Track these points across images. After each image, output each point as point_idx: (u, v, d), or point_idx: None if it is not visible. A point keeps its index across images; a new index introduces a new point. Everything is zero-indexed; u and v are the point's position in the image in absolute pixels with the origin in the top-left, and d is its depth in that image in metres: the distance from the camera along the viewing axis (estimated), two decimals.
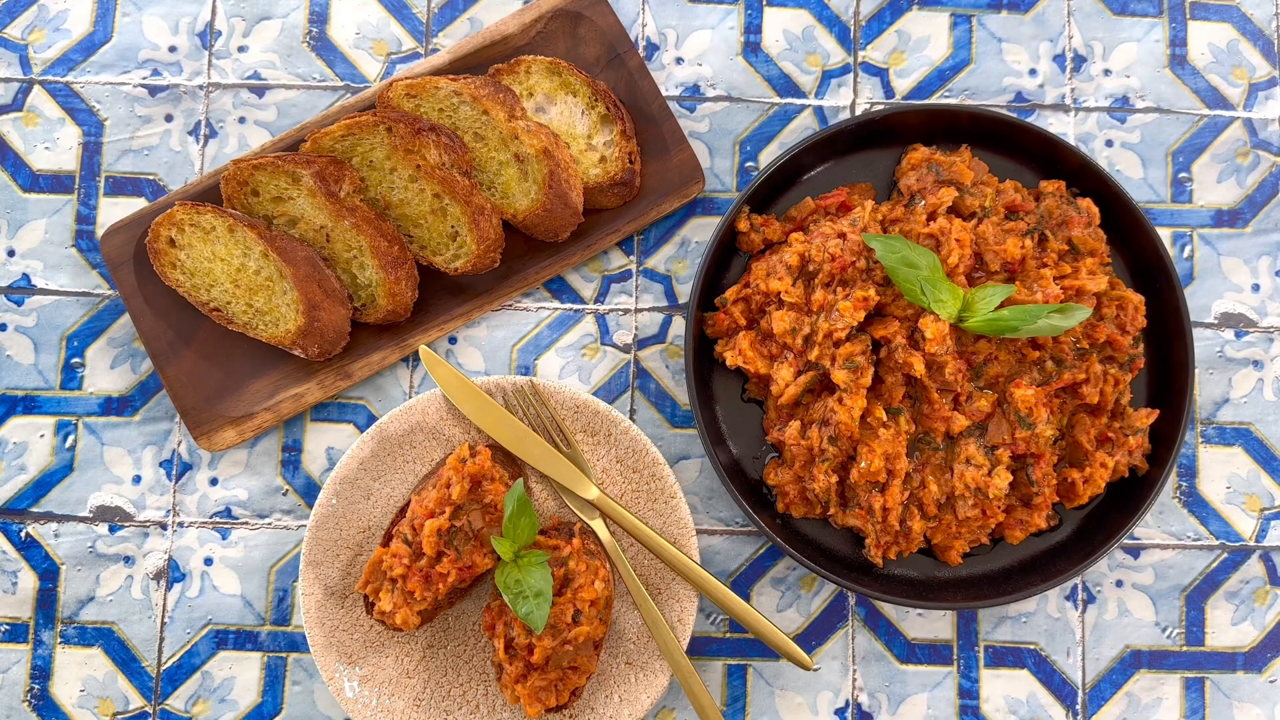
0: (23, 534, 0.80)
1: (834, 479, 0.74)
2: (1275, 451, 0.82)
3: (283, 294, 0.75)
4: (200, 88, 0.84)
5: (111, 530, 0.80)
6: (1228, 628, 0.80)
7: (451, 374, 0.77)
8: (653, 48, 0.85)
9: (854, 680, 0.79)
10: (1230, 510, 0.81)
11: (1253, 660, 0.79)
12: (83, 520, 0.80)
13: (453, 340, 0.82)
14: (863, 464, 0.72)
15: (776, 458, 0.79)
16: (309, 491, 0.81)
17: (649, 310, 0.83)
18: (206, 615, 0.79)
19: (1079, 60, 0.86)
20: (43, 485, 0.80)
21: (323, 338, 0.75)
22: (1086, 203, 0.79)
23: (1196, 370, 0.82)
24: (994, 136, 0.80)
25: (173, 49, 0.84)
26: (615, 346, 0.82)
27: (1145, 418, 0.76)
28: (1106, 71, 0.85)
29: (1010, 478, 0.73)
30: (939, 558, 0.77)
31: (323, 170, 0.75)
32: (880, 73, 0.85)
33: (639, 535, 0.75)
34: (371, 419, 0.81)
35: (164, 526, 0.80)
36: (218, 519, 0.80)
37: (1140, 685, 0.79)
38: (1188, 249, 0.84)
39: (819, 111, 0.85)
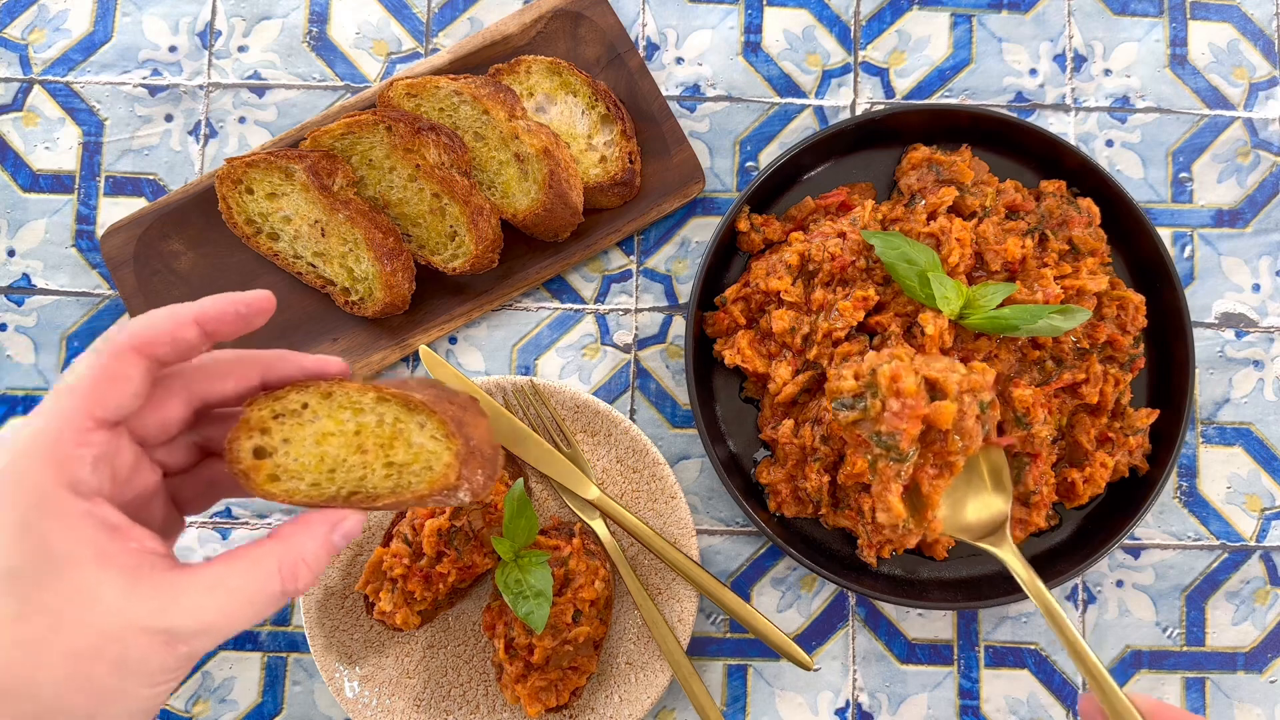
0: None
1: (825, 478, 0.74)
2: (1276, 451, 0.82)
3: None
4: (200, 88, 0.84)
5: None
6: (1228, 628, 0.80)
7: (451, 374, 0.77)
8: (653, 47, 0.85)
9: (854, 680, 0.79)
10: (1231, 510, 0.81)
11: (1253, 660, 0.79)
12: None
13: (453, 340, 0.82)
14: (848, 465, 0.72)
15: (769, 456, 0.79)
16: None
17: (649, 310, 0.83)
18: None
19: (1079, 60, 0.86)
20: None
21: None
22: (1087, 202, 0.79)
23: (1197, 370, 0.82)
24: (994, 136, 0.80)
25: (173, 49, 0.84)
26: (615, 346, 0.82)
27: (1146, 418, 0.76)
28: (1107, 71, 0.85)
29: None
30: (924, 553, 0.77)
31: (315, 164, 0.75)
32: (880, 72, 0.85)
33: (639, 535, 0.75)
34: None
35: None
36: (218, 519, 0.80)
37: (1141, 685, 0.79)
38: (1188, 249, 0.84)
39: (819, 111, 0.85)
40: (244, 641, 0.79)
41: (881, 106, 0.84)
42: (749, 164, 0.84)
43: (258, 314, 0.49)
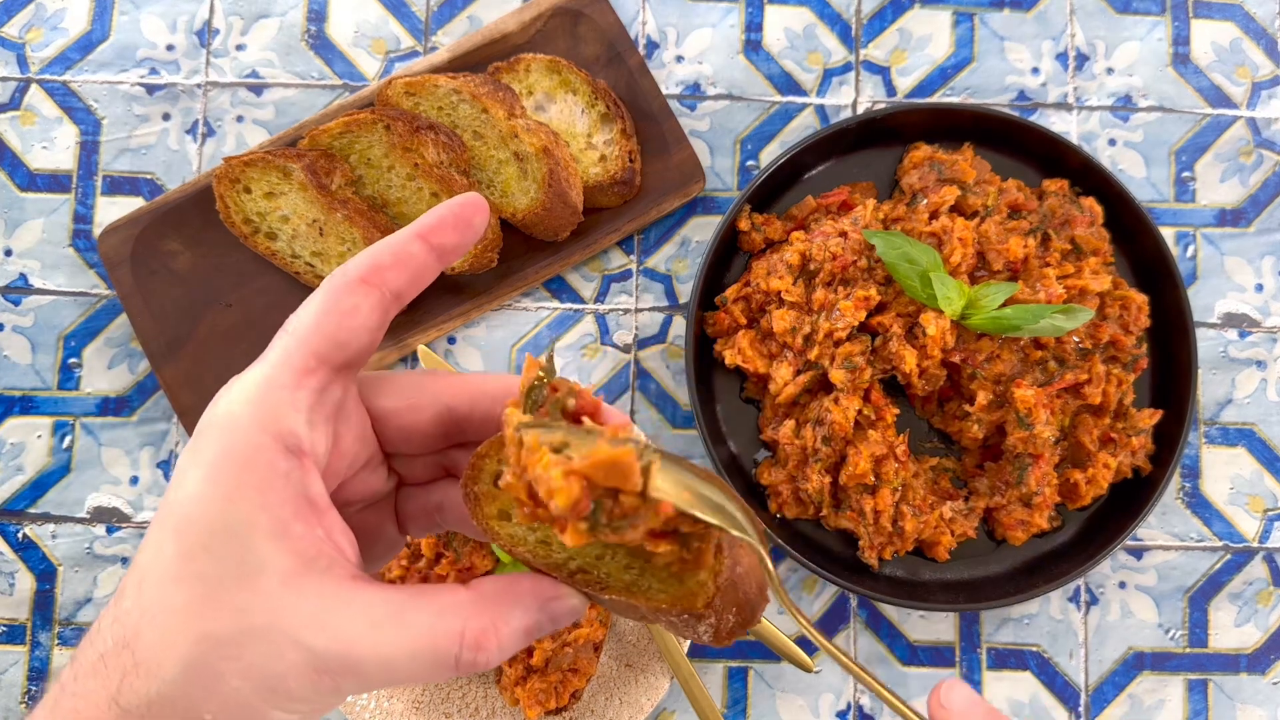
0: (20, 535, 0.79)
1: (827, 479, 0.73)
2: (1278, 452, 0.81)
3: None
4: (198, 86, 0.84)
5: (109, 531, 0.79)
6: (1231, 629, 0.79)
7: (449, 372, 0.77)
8: (653, 46, 0.85)
9: (855, 683, 0.79)
10: (1233, 511, 0.81)
11: (1256, 662, 0.79)
12: (80, 521, 0.79)
13: (451, 340, 0.82)
14: (849, 466, 0.72)
15: (770, 458, 0.78)
16: None
17: (649, 310, 0.82)
18: None
19: (1081, 59, 0.85)
20: (40, 486, 0.80)
21: None
22: (1090, 202, 0.78)
23: (1199, 370, 0.82)
24: (996, 135, 0.80)
25: (170, 47, 0.84)
26: (615, 346, 0.82)
27: (1148, 418, 0.76)
28: (1109, 70, 0.85)
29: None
30: (925, 554, 0.77)
31: (313, 163, 0.75)
32: (882, 71, 0.85)
33: None
34: None
35: None
36: None
37: (1143, 687, 0.79)
38: (1191, 248, 0.83)
39: (820, 110, 0.84)
40: None
41: (883, 105, 0.84)
42: (750, 163, 0.84)
43: (474, 213, 0.42)
